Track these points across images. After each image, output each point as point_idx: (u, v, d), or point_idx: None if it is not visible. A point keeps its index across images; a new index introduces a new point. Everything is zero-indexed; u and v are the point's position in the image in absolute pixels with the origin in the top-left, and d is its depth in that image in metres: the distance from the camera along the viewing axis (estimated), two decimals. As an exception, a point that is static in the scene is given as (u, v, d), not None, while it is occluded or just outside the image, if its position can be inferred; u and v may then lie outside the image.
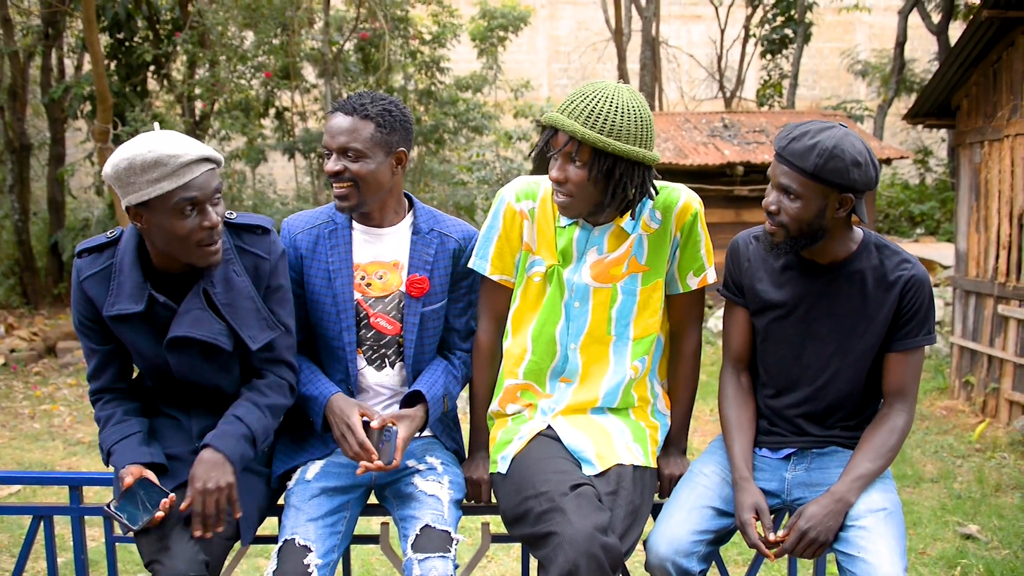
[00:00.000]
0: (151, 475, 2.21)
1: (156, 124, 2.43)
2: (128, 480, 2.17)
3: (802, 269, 2.46)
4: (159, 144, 2.12)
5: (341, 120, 2.43)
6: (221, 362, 2.36)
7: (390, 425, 2.41)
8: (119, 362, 2.41)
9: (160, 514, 2.16)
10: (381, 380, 2.60)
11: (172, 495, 2.20)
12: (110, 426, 2.35)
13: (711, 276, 2.58)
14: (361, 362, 2.58)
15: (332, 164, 2.43)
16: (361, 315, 2.54)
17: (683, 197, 2.50)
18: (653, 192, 2.42)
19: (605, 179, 2.32)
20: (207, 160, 2.18)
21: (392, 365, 2.59)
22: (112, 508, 2.18)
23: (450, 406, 2.63)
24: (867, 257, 2.41)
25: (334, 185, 2.46)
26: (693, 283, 2.57)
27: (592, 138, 2.25)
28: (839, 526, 2.29)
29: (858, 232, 2.44)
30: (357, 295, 2.53)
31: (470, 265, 2.60)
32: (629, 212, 2.44)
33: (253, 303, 2.33)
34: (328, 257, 2.54)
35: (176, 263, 2.29)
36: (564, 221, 2.49)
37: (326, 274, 2.53)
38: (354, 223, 2.57)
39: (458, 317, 2.66)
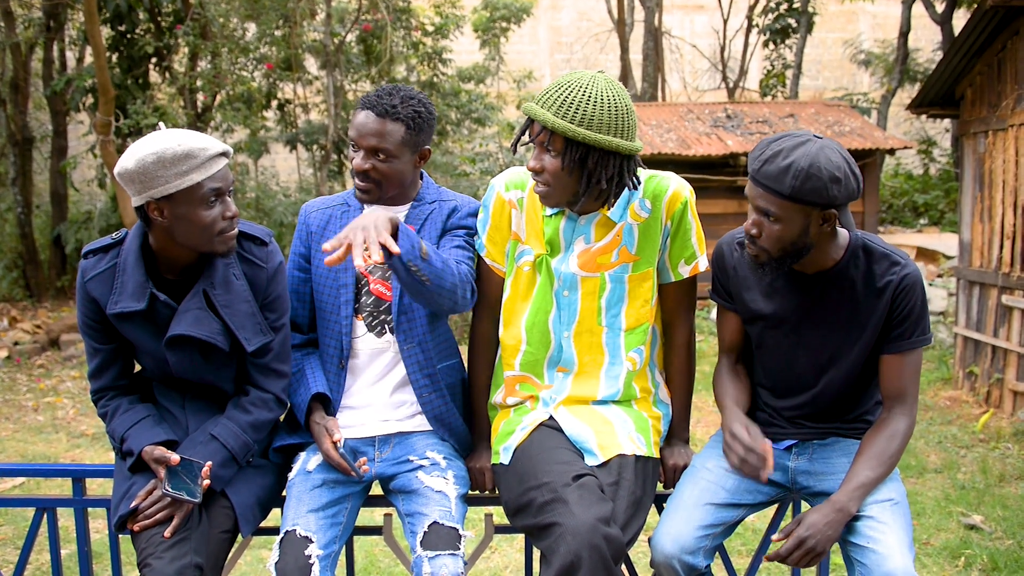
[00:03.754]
0: (174, 456, 2.26)
1: (161, 124, 2.51)
2: (175, 459, 2.24)
3: (790, 280, 2.41)
4: (184, 139, 2.21)
5: (373, 121, 2.46)
6: (219, 361, 2.42)
7: (344, 441, 2.46)
8: (121, 361, 2.48)
9: (207, 482, 2.25)
10: (380, 346, 2.59)
11: (209, 462, 2.28)
12: (118, 415, 2.42)
13: (703, 264, 2.57)
14: (361, 328, 2.59)
15: (361, 161, 2.48)
16: (361, 281, 2.58)
17: (672, 186, 2.48)
18: (632, 183, 2.40)
19: (579, 169, 2.32)
20: (225, 155, 2.30)
21: (391, 331, 2.59)
22: (170, 490, 2.23)
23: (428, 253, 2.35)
24: (855, 263, 2.36)
25: (359, 180, 2.50)
26: (685, 271, 2.56)
27: (561, 127, 2.25)
28: (837, 537, 2.27)
29: (844, 236, 2.37)
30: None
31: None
32: (607, 204, 2.42)
33: (250, 307, 2.40)
34: (337, 232, 2.58)
35: (179, 262, 2.37)
36: (549, 211, 2.50)
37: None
38: (368, 206, 2.62)
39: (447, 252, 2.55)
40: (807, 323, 2.41)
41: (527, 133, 2.38)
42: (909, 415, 2.38)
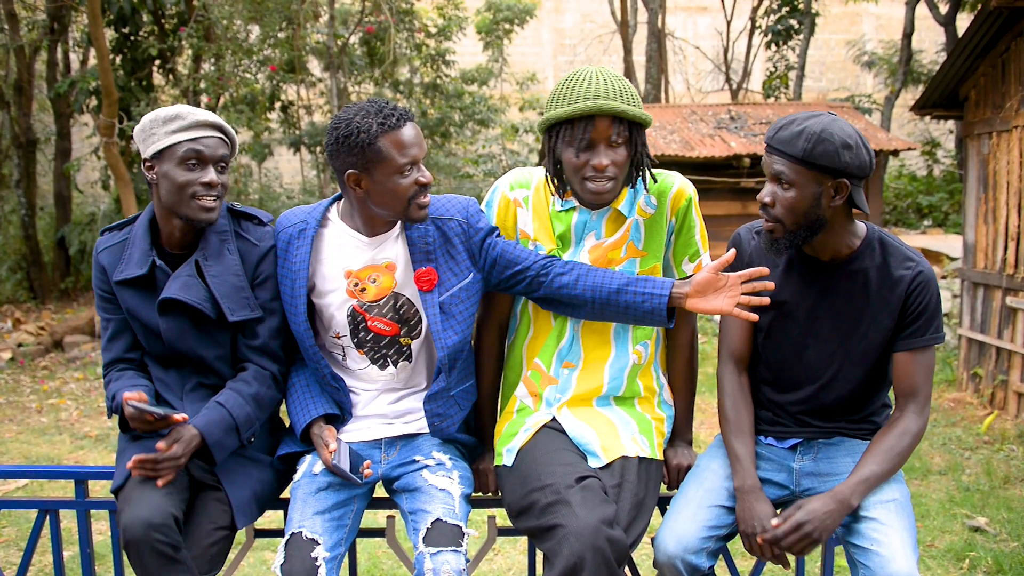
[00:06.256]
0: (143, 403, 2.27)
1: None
2: (137, 395, 2.26)
3: (804, 267, 2.43)
4: (182, 106, 2.44)
5: (417, 131, 2.40)
6: (209, 332, 2.46)
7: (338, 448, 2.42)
8: (132, 333, 2.54)
9: (178, 417, 2.27)
10: (385, 378, 2.58)
11: (184, 415, 2.30)
12: (120, 380, 2.47)
13: (706, 262, 2.59)
14: (364, 361, 2.57)
15: (425, 176, 2.40)
16: (359, 319, 2.52)
17: (677, 183, 2.53)
18: (649, 158, 2.47)
19: (635, 151, 2.39)
20: (219, 130, 2.44)
21: (395, 364, 2.57)
22: (145, 407, 2.24)
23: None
24: (870, 255, 2.38)
25: (423, 197, 2.41)
26: (688, 269, 2.58)
27: (634, 113, 2.33)
28: (835, 527, 2.26)
29: (861, 227, 2.40)
30: (353, 301, 2.51)
31: None
32: (631, 184, 2.48)
33: (239, 280, 2.47)
34: (292, 258, 2.52)
35: (178, 235, 2.47)
36: (560, 206, 2.50)
37: (291, 275, 2.51)
38: (348, 230, 2.52)
39: (516, 260, 2.49)
40: (819, 311, 2.41)
41: (585, 133, 2.33)
42: (921, 415, 2.37)
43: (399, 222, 2.52)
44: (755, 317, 2.31)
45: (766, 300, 2.32)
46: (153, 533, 2.18)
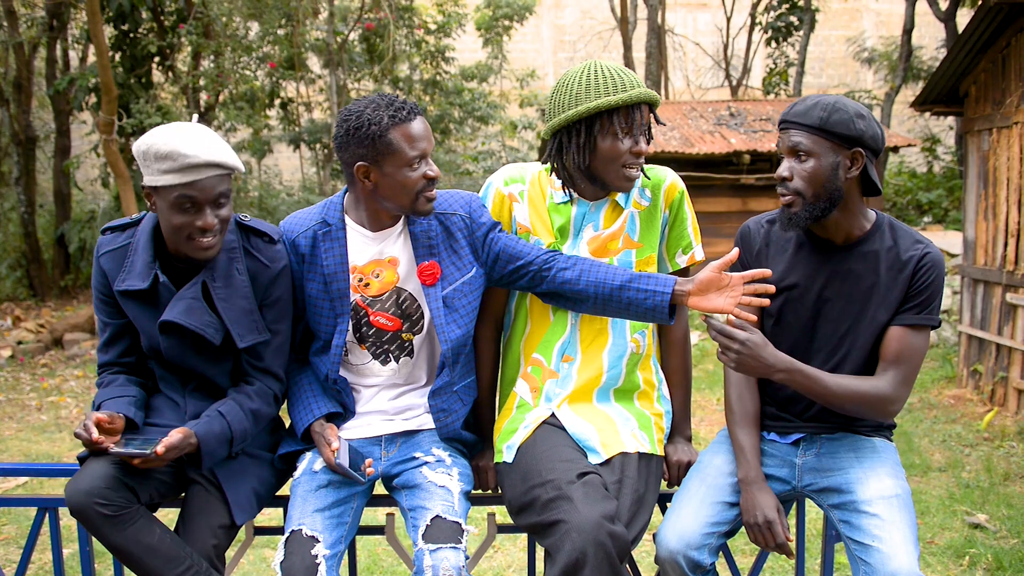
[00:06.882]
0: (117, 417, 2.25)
1: (195, 116, 2.50)
2: (113, 419, 2.23)
3: (816, 249, 2.44)
4: (179, 140, 2.21)
5: (427, 125, 2.42)
6: (211, 354, 2.41)
7: (339, 448, 2.40)
8: (129, 338, 2.48)
9: (160, 449, 2.20)
10: (387, 374, 2.59)
11: (164, 445, 2.23)
12: (107, 388, 2.43)
13: (699, 254, 2.62)
14: (366, 356, 2.57)
15: (433, 170, 2.42)
16: (361, 314, 2.52)
17: (669, 177, 2.58)
18: None
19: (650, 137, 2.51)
20: (218, 166, 2.25)
21: (396, 360, 2.57)
22: (115, 449, 2.21)
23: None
24: (880, 237, 2.40)
25: (431, 191, 2.42)
26: (682, 261, 2.60)
27: (658, 98, 2.44)
28: (749, 372, 2.26)
29: (871, 212, 2.44)
30: (356, 296, 2.51)
31: None
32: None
33: (248, 303, 2.40)
34: (324, 260, 2.50)
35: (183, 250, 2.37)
36: (559, 198, 2.53)
37: (322, 277, 2.51)
38: (354, 225, 2.52)
39: (518, 254, 2.50)
40: (830, 292, 2.42)
41: (634, 120, 2.40)
42: (896, 388, 2.33)
43: (403, 217, 2.52)
44: (754, 318, 2.31)
45: (766, 302, 2.32)
46: (93, 499, 2.17)
